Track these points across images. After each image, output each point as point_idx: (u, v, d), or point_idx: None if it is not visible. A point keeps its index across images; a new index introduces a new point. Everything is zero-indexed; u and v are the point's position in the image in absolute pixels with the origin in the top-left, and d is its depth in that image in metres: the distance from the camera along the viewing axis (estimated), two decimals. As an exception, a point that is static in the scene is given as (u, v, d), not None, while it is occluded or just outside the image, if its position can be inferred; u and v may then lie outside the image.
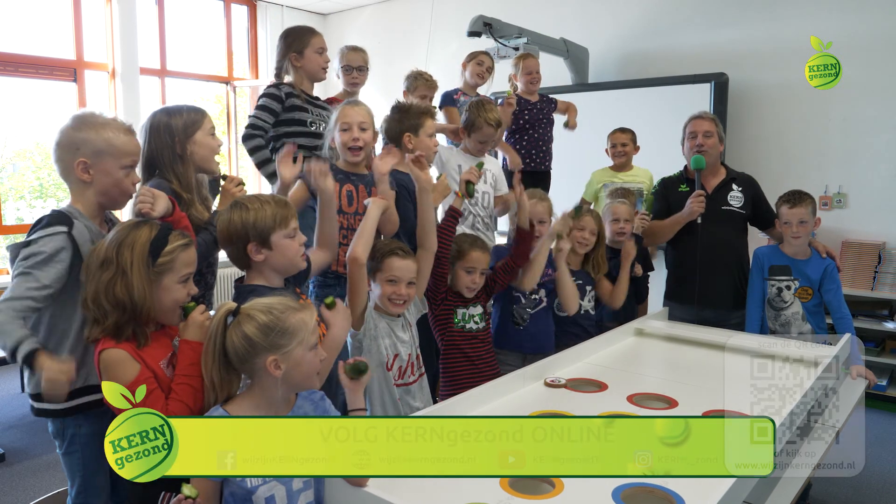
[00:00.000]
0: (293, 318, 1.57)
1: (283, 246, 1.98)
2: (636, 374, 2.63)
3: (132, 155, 1.98)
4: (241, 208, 1.95)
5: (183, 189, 2.26)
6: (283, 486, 1.54)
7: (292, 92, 3.21)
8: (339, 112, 2.70)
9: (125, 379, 1.62)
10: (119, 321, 1.66)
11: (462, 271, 2.63)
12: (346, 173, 2.70)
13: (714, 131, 3.31)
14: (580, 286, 3.09)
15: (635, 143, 4.26)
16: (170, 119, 2.28)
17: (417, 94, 3.99)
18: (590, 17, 5.92)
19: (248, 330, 1.54)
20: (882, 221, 4.76)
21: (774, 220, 3.23)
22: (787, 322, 3.15)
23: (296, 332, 1.56)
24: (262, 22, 7.36)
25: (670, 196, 3.44)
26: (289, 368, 1.55)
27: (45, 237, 1.82)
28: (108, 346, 1.65)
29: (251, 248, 1.95)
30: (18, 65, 5.62)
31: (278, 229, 1.96)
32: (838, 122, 4.87)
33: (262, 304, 1.59)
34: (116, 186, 1.96)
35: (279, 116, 3.18)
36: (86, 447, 1.96)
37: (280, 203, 2.00)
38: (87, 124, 1.92)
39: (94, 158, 1.91)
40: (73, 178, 1.93)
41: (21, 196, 6.01)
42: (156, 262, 1.69)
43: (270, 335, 1.54)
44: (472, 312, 2.68)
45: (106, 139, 1.91)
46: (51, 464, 3.78)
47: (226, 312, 1.58)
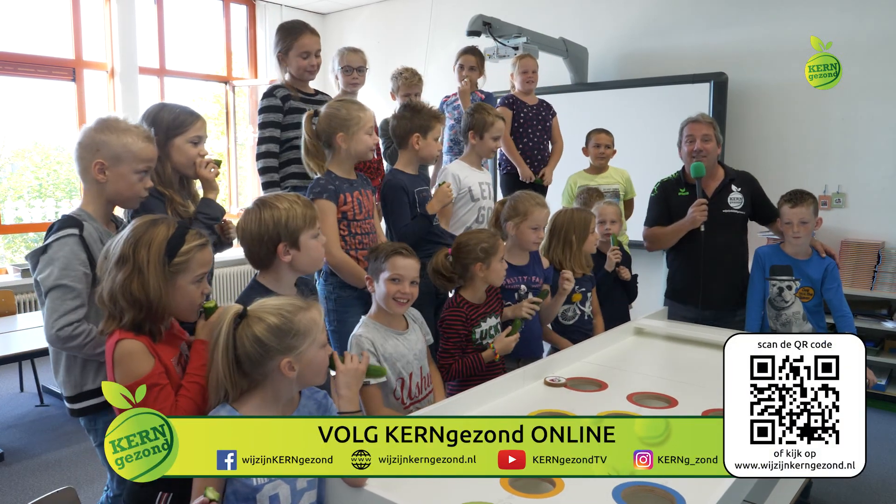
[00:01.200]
0: (304, 317, 1.57)
1: (310, 246, 2.02)
2: (636, 374, 2.63)
3: (148, 161, 2.07)
4: (270, 208, 1.97)
5: (164, 186, 2.29)
6: (287, 485, 1.54)
7: (288, 94, 3.23)
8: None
9: (140, 371, 1.63)
10: (136, 318, 1.67)
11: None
12: (350, 181, 2.71)
13: (712, 135, 3.30)
14: (583, 293, 3.10)
15: (614, 145, 4.28)
16: (159, 113, 2.31)
17: (402, 94, 3.96)
18: (589, 16, 5.92)
19: (259, 333, 1.53)
20: (881, 221, 4.76)
21: (776, 216, 3.24)
22: (787, 322, 3.15)
23: (308, 332, 1.56)
24: (262, 21, 7.35)
25: (670, 200, 3.42)
26: (302, 368, 1.56)
27: (58, 241, 1.91)
28: (126, 337, 1.66)
29: (282, 248, 1.97)
30: (17, 64, 5.62)
31: (308, 229, 1.99)
32: (837, 121, 4.87)
33: (271, 306, 1.58)
34: (129, 190, 2.05)
35: (283, 122, 3.21)
36: None
37: (306, 203, 2.04)
38: (109, 128, 2.00)
39: (111, 161, 1.99)
40: (89, 177, 2.02)
41: (20, 196, 6.00)
42: (172, 262, 1.69)
43: (283, 337, 1.53)
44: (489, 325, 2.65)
45: (124, 144, 2.00)
46: (50, 463, 3.78)
47: (234, 315, 1.56)
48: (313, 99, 3.31)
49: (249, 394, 1.59)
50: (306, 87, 3.33)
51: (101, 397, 1.89)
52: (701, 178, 3.26)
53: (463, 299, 2.60)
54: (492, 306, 2.67)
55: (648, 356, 2.91)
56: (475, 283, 2.60)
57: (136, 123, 2.07)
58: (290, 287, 2.08)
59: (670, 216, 3.40)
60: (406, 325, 2.39)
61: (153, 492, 1.62)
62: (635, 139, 4.33)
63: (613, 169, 4.33)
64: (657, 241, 3.47)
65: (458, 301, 2.60)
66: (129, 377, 1.62)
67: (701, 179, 3.27)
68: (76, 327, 1.87)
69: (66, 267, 1.88)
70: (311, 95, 3.33)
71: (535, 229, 2.83)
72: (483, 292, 2.64)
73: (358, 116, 2.66)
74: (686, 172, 3.38)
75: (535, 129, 4.24)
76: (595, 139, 4.27)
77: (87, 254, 1.92)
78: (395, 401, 2.27)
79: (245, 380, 1.57)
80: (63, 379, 1.99)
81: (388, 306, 2.30)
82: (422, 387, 2.35)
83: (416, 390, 2.31)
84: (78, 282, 1.89)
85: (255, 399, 1.58)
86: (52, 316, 1.87)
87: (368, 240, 2.73)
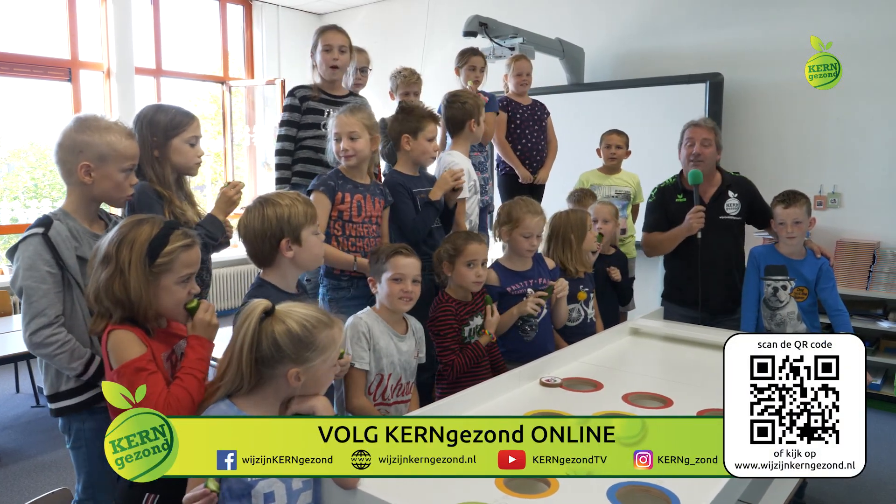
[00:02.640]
0: (326, 334, 1.56)
1: (312, 242, 2.05)
2: (631, 374, 2.64)
3: (132, 159, 2.03)
4: (273, 205, 2.00)
5: (162, 187, 2.29)
6: (283, 484, 1.53)
7: (307, 95, 3.27)
8: (332, 120, 2.74)
9: (131, 355, 1.63)
10: (123, 317, 1.67)
11: (462, 267, 2.62)
12: (355, 183, 2.72)
13: (712, 139, 3.30)
14: (587, 292, 3.11)
15: (628, 146, 4.26)
16: (155, 115, 2.30)
17: (400, 93, 3.95)
18: (585, 16, 5.93)
19: (278, 335, 1.53)
20: (876, 221, 4.78)
21: (770, 220, 3.26)
22: (782, 321, 3.16)
23: (324, 350, 1.56)
24: (258, 22, 7.35)
25: (668, 206, 3.43)
26: (307, 381, 1.56)
27: (23, 242, 1.90)
28: (118, 328, 1.66)
29: (284, 243, 1.99)
30: (13, 64, 5.60)
31: (309, 225, 2.02)
32: (833, 122, 4.89)
33: (297, 313, 1.57)
34: (116, 189, 2.01)
35: (300, 122, 3.27)
36: (91, 443, 1.99)
37: (306, 200, 2.07)
38: (89, 128, 1.95)
39: (96, 162, 1.95)
40: (74, 179, 1.97)
41: (15, 196, 5.99)
42: (154, 263, 1.67)
43: (299, 347, 1.53)
44: (477, 324, 2.66)
45: (108, 143, 1.95)
46: (45, 464, 3.77)
47: (262, 311, 1.56)
48: (340, 100, 3.29)
49: (253, 391, 1.58)
50: (335, 87, 3.36)
51: (74, 398, 1.96)
52: (698, 185, 3.27)
53: (449, 297, 2.63)
54: (478, 305, 2.68)
55: (644, 356, 2.92)
56: (453, 282, 2.64)
57: (115, 120, 2.02)
58: (294, 285, 2.10)
59: (668, 222, 3.40)
60: (406, 330, 2.41)
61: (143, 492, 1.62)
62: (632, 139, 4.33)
63: (626, 172, 4.32)
64: (655, 248, 3.48)
65: (446, 298, 2.63)
66: (120, 361, 1.63)
67: (698, 185, 3.28)
68: (49, 335, 1.86)
69: (29, 267, 1.86)
70: (338, 97, 3.33)
71: (526, 237, 2.82)
72: (468, 292, 2.66)
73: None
74: (684, 178, 3.39)
75: (531, 129, 4.23)
76: (607, 140, 4.26)
77: (53, 252, 1.88)
78: (368, 395, 2.30)
79: (256, 376, 1.57)
80: (44, 378, 2.00)
81: (394, 305, 2.32)
82: (396, 392, 2.36)
83: (389, 393, 2.33)
84: (42, 282, 1.86)
85: (256, 397, 1.58)
86: (24, 319, 1.88)
87: (363, 243, 2.73)
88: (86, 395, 1.96)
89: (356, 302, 2.71)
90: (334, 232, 2.69)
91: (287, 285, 2.06)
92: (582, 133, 4.68)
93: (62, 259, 1.89)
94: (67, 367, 1.90)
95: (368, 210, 2.74)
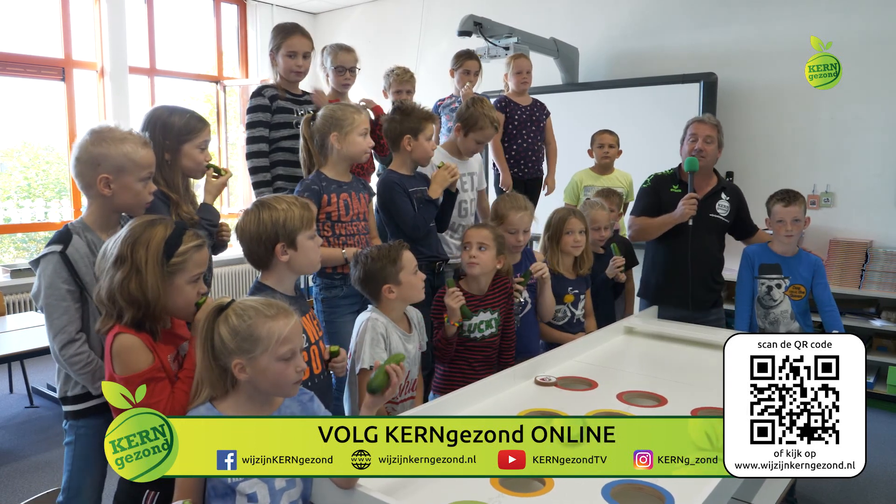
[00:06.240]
0: (263, 325, 1.53)
1: (307, 247, 2.04)
2: (626, 373, 2.65)
3: (149, 167, 2.03)
4: (269, 208, 2.00)
5: (170, 190, 2.29)
6: (265, 485, 1.52)
7: (276, 94, 3.23)
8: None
9: (137, 366, 1.65)
10: (135, 317, 1.68)
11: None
12: (339, 183, 2.73)
13: (715, 137, 3.31)
14: (575, 294, 3.11)
15: (619, 145, 4.27)
16: (169, 118, 2.30)
17: (394, 91, 3.94)
18: (580, 16, 5.94)
19: (222, 329, 1.54)
20: (869, 220, 4.81)
21: (752, 231, 3.40)
22: (776, 320, 3.18)
23: (260, 340, 1.52)
24: (252, 21, 7.34)
25: (661, 194, 3.42)
26: (254, 374, 1.53)
27: (44, 258, 1.90)
28: (125, 332, 1.67)
29: (279, 248, 1.99)
30: (6, 63, 5.57)
31: (304, 230, 2.02)
32: (826, 121, 4.92)
33: (241, 306, 1.56)
34: (135, 198, 2.01)
35: (271, 122, 3.21)
36: (78, 445, 1.99)
37: (304, 204, 2.06)
38: (105, 139, 1.95)
39: (115, 174, 1.94)
40: (93, 192, 1.97)
41: (8, 196, 5.96)
42: (170, 262, 1.70)
43: (237, 339, 1.52)
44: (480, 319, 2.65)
45: (125, 154, 1.95)
46: (40, 465, 3.76)
47: (214, 309, 1.57)
48: (301, 99, 3.31)
49: (230, 394, 1.59)
50: (295, 87, 3.33)
51: (80, 404, 1.97)
52: (694, 174, 3.27)
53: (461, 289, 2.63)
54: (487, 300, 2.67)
55: (638, 355, 2.93)
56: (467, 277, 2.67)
57: (129, 129, 2.02)
58: (292, 288, 2.10)
59: (660, 211, 3.40)
60: (409, 328, 2.42)
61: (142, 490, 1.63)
62: (625, 139, 4.34)
63: (619, 171, 4.33)
64: (642, 232, 3.46)
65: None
66: (126, 370, 1.64)
67: (694, 180, 3.29)
68: (74, 353, 1.88)
69: (49, 286, 1.88)
70: (299, 96, 3.33)
71: (512, 233, 2.84)
72: (484, 284, 2.66)
73: (353, 118, 2.68)
74: (681, 168, 3.40)
75: (529, 130, 4.20)
76: (599, 139, 4.27)
77: (70, 270, 1.89)
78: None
79: (221, 375, 1.56)
80: (57, 378, 2.02)
81: (419, 296, 2.36)
82: (405, 389, 2.37)
83: (398, 391, 2.32)
84: (62, 300, 1.88)
85: (232, 399, 1.58)
86: (49, 332, 1.90)
87: (354, 241, 2.74)
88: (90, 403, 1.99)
89: (349, 300, 2.73)
90: (324, 234, 2.70)
91: (285, 288, 2.06)
92: (576, 133, 4.68)
93: (80, 277, 1.90)
94: (91, 386, 1.93)
95: (356, 207, 2.75)
